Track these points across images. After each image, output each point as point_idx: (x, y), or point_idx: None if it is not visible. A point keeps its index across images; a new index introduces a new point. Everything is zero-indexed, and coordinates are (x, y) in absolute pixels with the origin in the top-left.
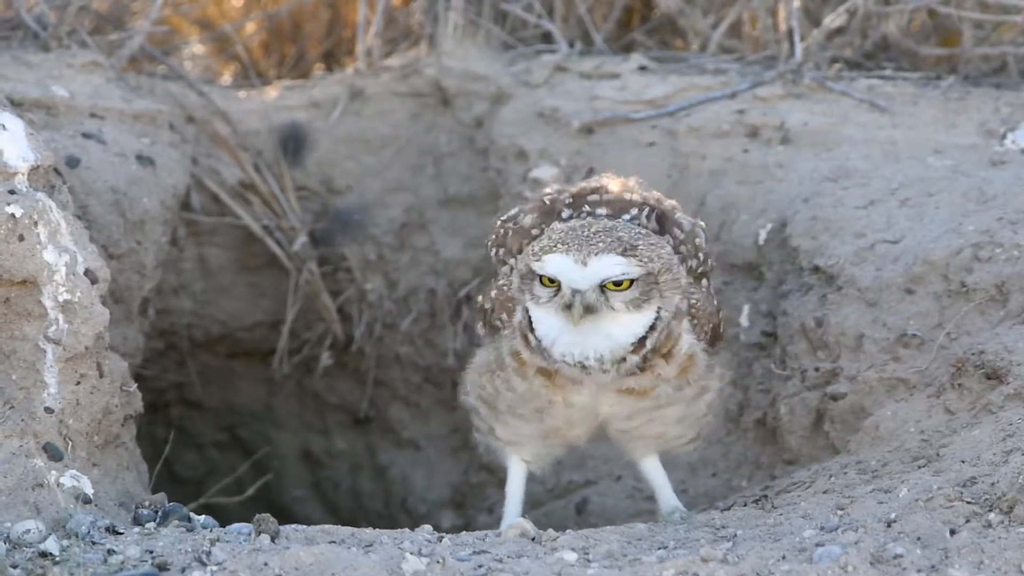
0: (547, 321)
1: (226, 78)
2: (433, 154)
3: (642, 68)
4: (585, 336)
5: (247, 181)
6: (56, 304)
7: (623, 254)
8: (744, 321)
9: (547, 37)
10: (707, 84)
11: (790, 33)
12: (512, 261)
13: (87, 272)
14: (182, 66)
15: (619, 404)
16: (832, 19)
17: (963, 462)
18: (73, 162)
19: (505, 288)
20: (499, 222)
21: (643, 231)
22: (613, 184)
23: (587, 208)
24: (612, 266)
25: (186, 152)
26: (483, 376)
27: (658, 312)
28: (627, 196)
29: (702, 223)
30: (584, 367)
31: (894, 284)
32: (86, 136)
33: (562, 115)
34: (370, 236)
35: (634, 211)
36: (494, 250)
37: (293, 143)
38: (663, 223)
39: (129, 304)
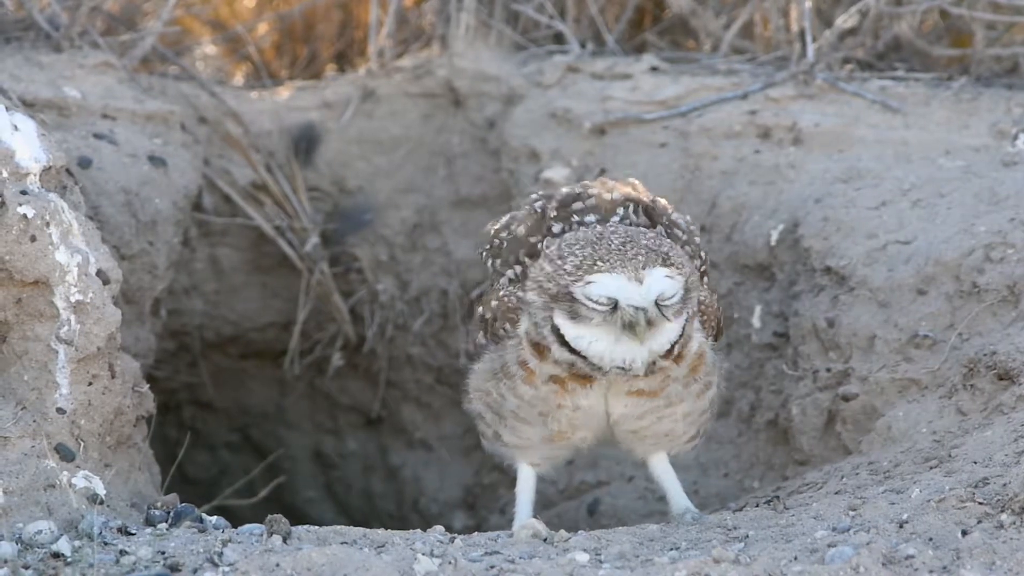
0: (598, 340)
1: (238, 79)
2: (445, 155)
3: (654, 69)
4: (632, 348)
5: (259, 182)
6: (68, 305)
7: (665, 265)
8: (756, 322)
9: (559, 38)
10: (719, 85)
11: (802, 34)
12: (510, 272)
13: (99, 273)
14: (194, 67)
15: (631, 405)
16: (844, 20)
17: (975, 463)
18: (85, 163)
19: (507, 299)
20: (492, 231)
21: (653, 234)
22: (593, 188)
23: (575, 218)
24: (663, 279)
25: (198, 153)
26: (488, 383)
27: (687, 315)
28: (607, 196)
29: (690, 218)
30: (624, 370)
31: (906, 285)
32: (98, 137)
33: (574, 116)
34: (382, 237)
35: (621, 211)
36: (489, 260)
37: (305, 144)
38: (651, 216)
39: (141, 305)
